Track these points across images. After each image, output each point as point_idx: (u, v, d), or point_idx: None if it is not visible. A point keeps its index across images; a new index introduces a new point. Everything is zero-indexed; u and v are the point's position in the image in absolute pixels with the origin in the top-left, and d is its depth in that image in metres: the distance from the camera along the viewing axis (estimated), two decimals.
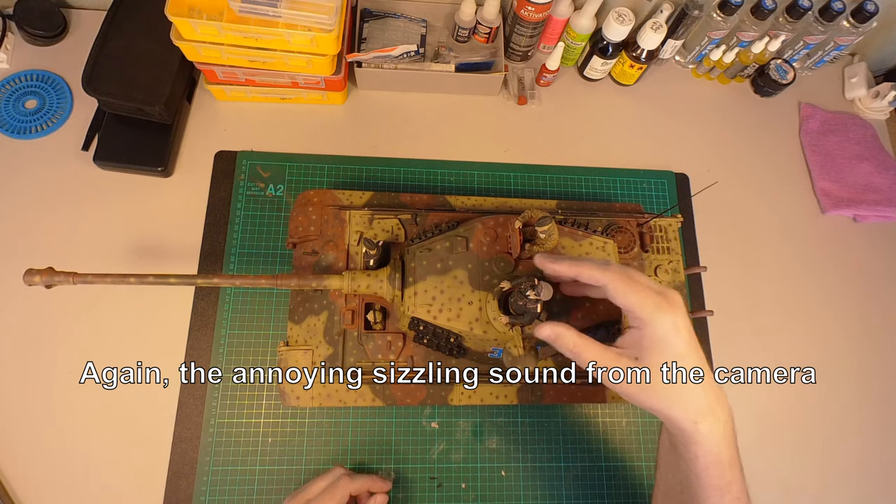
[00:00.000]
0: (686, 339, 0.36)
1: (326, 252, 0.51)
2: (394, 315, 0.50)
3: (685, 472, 0.38)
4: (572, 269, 0.38)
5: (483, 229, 0.46)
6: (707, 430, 0.36)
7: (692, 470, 0.37)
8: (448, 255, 0.45)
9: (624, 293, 0.36)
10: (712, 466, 0.36)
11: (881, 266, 0.67)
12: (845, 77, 0.76)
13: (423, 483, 0.52)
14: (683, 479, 0.39)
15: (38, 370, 0.52)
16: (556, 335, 0.37)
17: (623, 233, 0.54)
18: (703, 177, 0.67)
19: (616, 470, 0.55)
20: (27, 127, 0.59)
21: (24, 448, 0.50)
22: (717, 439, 0.36)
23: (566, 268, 0.38)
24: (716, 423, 0.36)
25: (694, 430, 0.35)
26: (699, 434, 0.36)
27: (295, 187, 0.60)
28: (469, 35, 0.66)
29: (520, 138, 0.66)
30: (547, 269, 0.39)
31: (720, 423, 0.36)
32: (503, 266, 0.44)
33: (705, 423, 0.36)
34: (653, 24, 0.61)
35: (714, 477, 0.36)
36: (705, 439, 0.36)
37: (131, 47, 0.56)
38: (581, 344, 0.37)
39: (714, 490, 0.37)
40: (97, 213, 0.57)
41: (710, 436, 0.36)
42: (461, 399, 0.50)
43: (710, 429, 0.36)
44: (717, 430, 0.36)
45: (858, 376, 0.62)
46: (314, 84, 0.60)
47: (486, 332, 0.43)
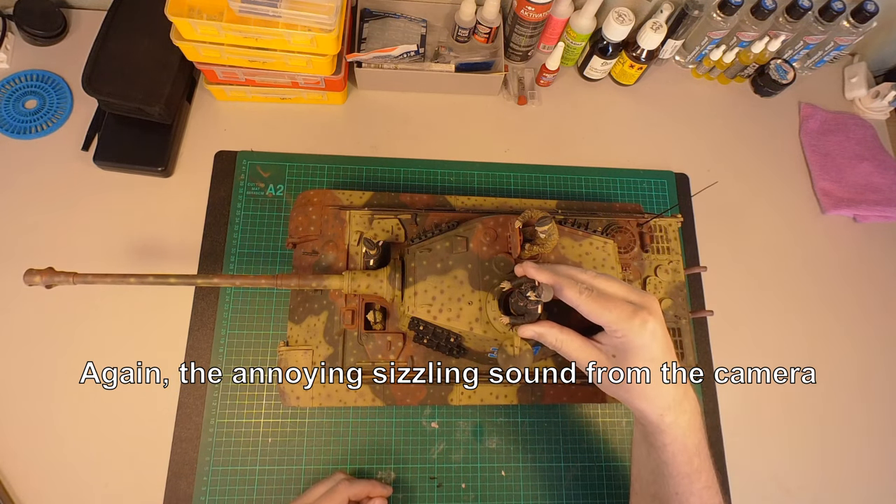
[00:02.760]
0: (661, 343, 0.38)
1: (326, 252, 0.51)
2: (394, 315, 0.50)
3: (656, 462, 0.40)
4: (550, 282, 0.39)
5: (483, 229, 0.46)
6: (672, 420, 0.38)
7: (661, 458, 0.39)
8: (448, 255, 0.45)
9: (598, 313, 0.37)
10: (679, 454, 0.39)
11: (881, 266, 0.67)
12: (845, 77, 0.76)
13: (423, 483, 0.52)
14: (655, 468, 0.41)
15: (38, 370, 0.52)
16: (539, 334, 0.39)
17: (623, 233, 0.54)
18: (703, 177, 0.67)
19: (616, 470, 0.55)
20: (27, 127, 0.59)
21: (24, 448, 0.50)
22: (683, 428, 0.39)
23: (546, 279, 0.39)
24: (681, 414, 0.39)
25: (660, 420, 0.38)
26: (664, 424, 0.38)
27: (295, 187, 0.60)
28: (469, 35, 0.66)
29: (520, 138, 0.66)
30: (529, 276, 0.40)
31: (686, 414, 0.39)
32: (503, 266, 0.44)
33: (670, 414, 0.38)
34: (653, 24, 0.61)
35: (682, 464, 0.39)
36: (670, 428, 0.38)
37: (131, 47, 0.56)
38: (563, 339, 0.39)
39: (683, 478, 0.39)
40: (97, 213, 0.57)
41: (675, 425, 0.38)
42: (461, 399, 0.50)
43: (676, 419, 0.38)
44: (683, 420, 0.39)
45: (858, 376, 0.62)
46: (314, 84, 0.60)
47: (486, 332, 0.43)
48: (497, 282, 0.43)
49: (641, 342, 0.37)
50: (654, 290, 0.53)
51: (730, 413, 0.58)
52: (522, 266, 0.40)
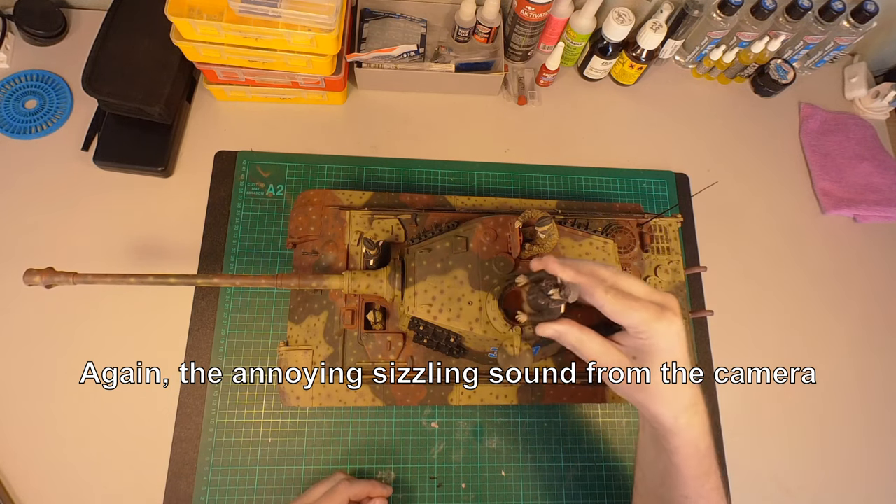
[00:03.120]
0: (684, 345, 0.37)
1: (326, 252, 0.51)
2: (394, 315, 0.50)
3: (665, 465, 0.39)
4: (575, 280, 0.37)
5: (483, 229, 0.46)
6: (686, 423, 0.37)
7: (672, 461, 0.38)
8: (448, 255, 0.45)
9: (625, 314, 0.36)
10: (691, 457, 0.38)
11: (881, 266, 0.67)
12: (845, 77, 0.76)
13: (423, 483, 0.52)
14: (663, 471, 0.40)
15: (38, 370, 0.52)
16: (559, 333, 0.38)
17: (623, 233, 0.54)
18: (703, 177, 0.67)
19: (616, 470, 0.55)
20: (27, 127, 0.59)
21: (24, 448, 0.50)
22: (697, 431, 0.38)
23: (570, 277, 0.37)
24: (695, 415, 0.38)
25: (674, 423, 0.37)
26: (678, 426, 0.37)
27: (295, 187, 0.60)
28: (469, 35, 0.66)
29: (520, 138, 0.66)
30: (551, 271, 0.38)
31: (699, 416, 0.38)
32: (503, 266, 0.44)
33: (685, 417, 0.37)
34: (653, 24, 0.61)
35: (693, 467, 0.38)
36: (684, 431, 0.37)
37: (131, 47, 0.56)
38: (583, 339, 0.38)
39: (694, 480, 0.38)
40: (97, 213, 0.57)
41: (689, 428, 0.37)
42: (461, 399, 0.50)
43: (690, 421, 0.37)
44: (696, 423, 0.38)
45: (858, 376, 0.62)
46: (314, 84, 0.60)
47: (486, 332, 0.43)
48: (497, 282, 0.43)
49: (667, 344, 0.36)
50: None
51: (730, 413, 0.58)
52: (542, 260, 0.38)
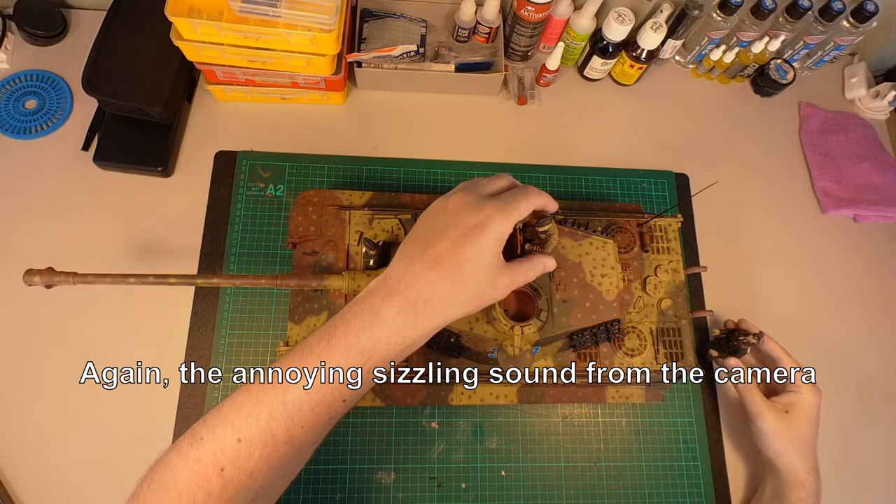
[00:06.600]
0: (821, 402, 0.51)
1: (326, 252, 0.51)
2: None
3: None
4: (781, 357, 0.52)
5: None
6: (813, 480, 0.49)
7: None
8: None
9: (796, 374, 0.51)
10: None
11: (881, 266, 0.67)
12: (845, 77, 0.76)
13: (423, 483, 0.52)
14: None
15: (38, 370, 0.52)
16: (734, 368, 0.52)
17: (623, 233, 0.54)
18: (703, 177, 0.67)
19: (616, 470, 0.55)
20: (27, 127, 0.59)
21: (24, 448, 0.50)
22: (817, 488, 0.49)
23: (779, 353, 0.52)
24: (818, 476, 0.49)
25: (806, 477, 0.48)
26: (809, 480, 0.48)
27: (295, 187, 0.60)
28: (469, 35, 0.66)
29: (520, 138, 0.66)
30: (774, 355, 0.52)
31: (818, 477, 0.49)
32: None
33: (814, 474, 0.49)
34: (653, 24, 0.61)
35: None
36: (812, 484, 0.48)
37: (131, 47, 0.56)
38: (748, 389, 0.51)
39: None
40: (97, 213, 0.57)
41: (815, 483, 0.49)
42: (461, 399, 0.50)
43: (816, 479, 0.49)
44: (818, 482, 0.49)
45: (859, 377, 0.62)
46: (314, 84, 0.60)
47: (486, 332, 0.43)
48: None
49: (815, 400, 0.50)
50: (654, 289, 0.53)
51: (730, 413, 0.58)
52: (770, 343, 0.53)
